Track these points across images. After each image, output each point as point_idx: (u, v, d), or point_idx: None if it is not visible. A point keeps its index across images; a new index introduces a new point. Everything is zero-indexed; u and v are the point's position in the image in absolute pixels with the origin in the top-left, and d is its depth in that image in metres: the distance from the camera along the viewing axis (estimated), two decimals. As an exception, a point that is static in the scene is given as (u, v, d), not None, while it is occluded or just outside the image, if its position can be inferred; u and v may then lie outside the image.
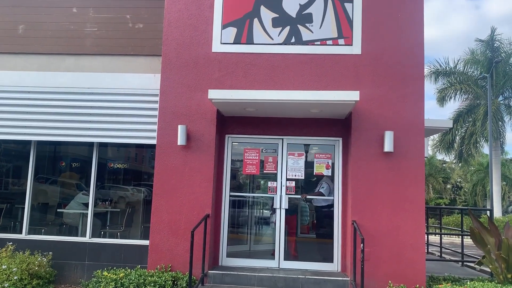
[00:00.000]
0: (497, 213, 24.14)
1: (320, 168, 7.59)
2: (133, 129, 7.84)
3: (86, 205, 8.04)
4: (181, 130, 7.15)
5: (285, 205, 7.45)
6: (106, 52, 8.14)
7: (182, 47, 7.51)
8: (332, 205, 7.52)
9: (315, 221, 8.10)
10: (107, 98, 7.91)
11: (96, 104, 7.92)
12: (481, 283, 6.54)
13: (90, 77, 8.00)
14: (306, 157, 7.68)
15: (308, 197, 7.76)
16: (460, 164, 31.08)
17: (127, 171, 8.76)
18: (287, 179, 7.54)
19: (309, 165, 7.63)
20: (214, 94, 6.78)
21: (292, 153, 7.61)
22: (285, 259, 7.42)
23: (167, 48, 7.54)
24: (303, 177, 7.62)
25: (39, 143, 8.33)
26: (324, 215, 7.71)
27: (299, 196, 7.69)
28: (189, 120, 7.31)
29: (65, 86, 7.99)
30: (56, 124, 7.94)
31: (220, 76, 7.38)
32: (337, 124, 7.57)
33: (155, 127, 7.49)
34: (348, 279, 6.73)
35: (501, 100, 25.35)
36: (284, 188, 7.50)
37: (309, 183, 7.88)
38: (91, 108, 7.92)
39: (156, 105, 7.56)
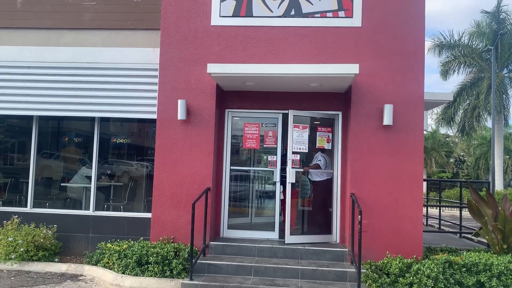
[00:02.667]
0: (499, 186, 24.24)
1: (321, 142, 7.61)
2: (133, 103, 7.88)
3: (90, 178, 8.17)
4: (181, 104, 7.17)
5: (291, 179, 7.35)
6: (105, 26, 8.09)
7: (181, 20, 7.45)
8: (330, 179, 7.60)
9: (314, 195, 8.17)
10: (107, 73, 7.92)
11: (96, 79, 7.94)
12: (477, 253, 6.68)
13: (89, 52, 7.98)
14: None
15: (310, 170, 7.79)
16: (463, 138, 31.05)
17: (130, 146, 8.84)
18: (293, 153, 7.42)
19: (309, 139, 7.63)
20: (213, 68, 6.76)
21: (297, 125, 7.54)
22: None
23: (166, 22, 7.48)
24: (306, 151, 7.57)
25: (41, 118, 8.39)
26: (323, 188, 7.78)
27: (301, 170, 7.70)
28: (189, 95, 7.32)
29: (64, 61, 7.99)
30: (57, 99, 7.98)
31: (219, 49, 7.34)
32: (337, 98, 7.57)
33: (156, 101, 7.52)
34: (346, 250, 6.87)
35: (505, 73, 25.03)
36: (289, 162, 7.42)
37: (310, 157, 7.92)
38: (91, 83, 7.94)
39: (156, 80, 7.56)
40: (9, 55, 8.10)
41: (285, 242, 7.09)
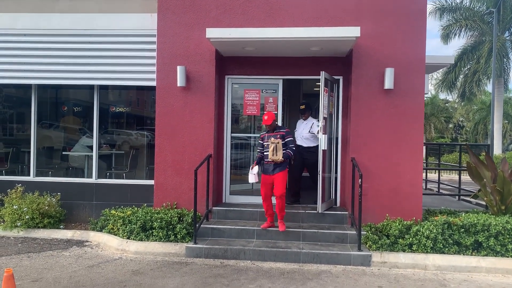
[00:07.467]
0: (497, 150, 24.37)
1: (331, 107, 7.51)
2: (132, 71, 7.79)
3: (91, 147, 8.19)
4: (180, 71, 7.10)
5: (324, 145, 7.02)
6: (100, -9, 7.91)
7: (178, -16, 7.28)
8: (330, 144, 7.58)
9: (312, 161, 8.16)
10: (104, 40, 7.81)
11: (93, 46, 7.83)
12: (475, 214, 6.79)
13: (85, 19, 7.83)
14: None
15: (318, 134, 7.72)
16: (463, 104, 30.93)
17: (129, 115, 8.80)
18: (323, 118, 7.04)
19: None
20: (212, 33, 6.64)
21: (326, 89, 7.11)
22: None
23: (163, -14, 7.31)
24: (326, 116, 7.32)
25: (40, 87, 8.33)
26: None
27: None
28: (188, 61, 7.24)
29: (60, 28, 7.86)
30: (54, 67, 7.90)
31: (218, 14, 7.21)
32: (338, 62, 7.50)
33: (155, 68, 7.44)
34: (347, 213, 6.98)
35: (507, 36, 24.69)
36: (322, 127, 7.13)
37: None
38: (89, 51, 7.84)
39: (155, 46, 7.44)
40: (3, 22, 7.95)
41: (319, 212, 6.92)
